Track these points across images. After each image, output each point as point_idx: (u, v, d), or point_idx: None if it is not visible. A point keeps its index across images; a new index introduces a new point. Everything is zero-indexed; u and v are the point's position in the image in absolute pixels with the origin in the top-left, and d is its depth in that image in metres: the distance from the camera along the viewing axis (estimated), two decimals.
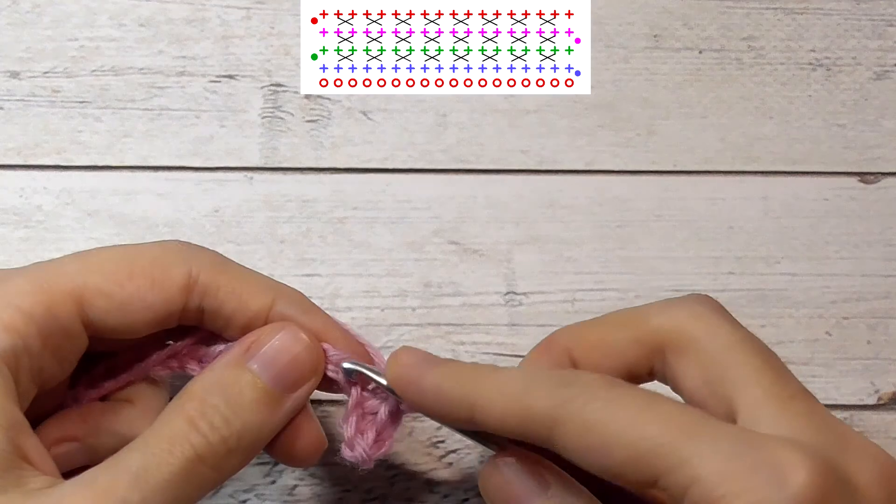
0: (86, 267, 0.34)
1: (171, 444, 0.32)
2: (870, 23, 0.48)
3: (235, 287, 0.36)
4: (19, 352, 0.32)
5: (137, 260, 0.35)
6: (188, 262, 0.35)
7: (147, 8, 0.47)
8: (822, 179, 0.47)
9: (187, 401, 0.34)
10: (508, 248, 0.45)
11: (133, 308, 0.34)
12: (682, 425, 0.30)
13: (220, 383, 0.34)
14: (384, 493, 0.43)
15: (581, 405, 0.31)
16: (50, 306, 0.33)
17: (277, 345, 0.35)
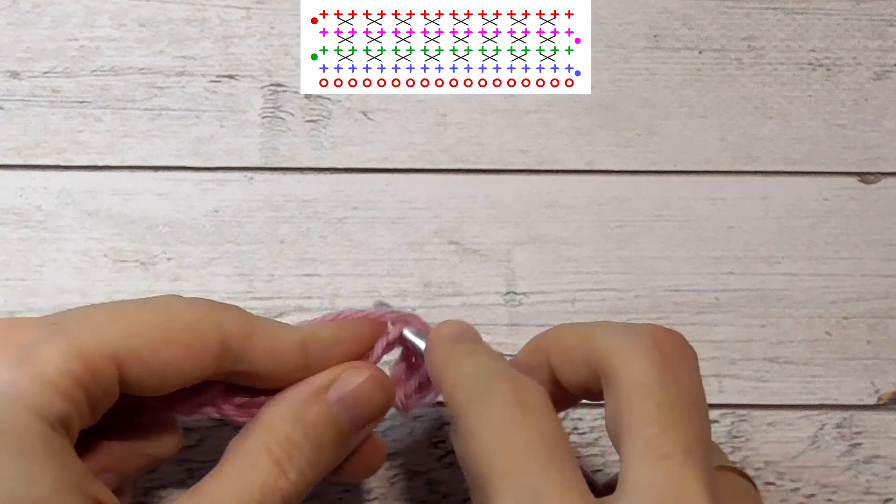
0: (125, 330, 0.34)
1: (263, 494, 0.33)
2: (870, 23, 0.48)
3: (265, 343, 0.36)
4: (72, 415, 0.32)
5: (173, 325, 0.34)
6: (220, 328, 0.35)
7: (147, 8, 0.47)
8: (822, 179, 0.47)
9: (271, 440, 0.34)
10: (508, 248, 0.45)
11: (168, 374, 0.34)
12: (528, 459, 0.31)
13: (304, 420, 0.35)
14: (384, 493, 0.43)
15: None
16: (93, 371, 0.33)
17: (357, 385, 0.36)
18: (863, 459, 0.44)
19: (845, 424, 0.44)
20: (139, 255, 0.45)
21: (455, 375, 0.34)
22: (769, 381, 0.44)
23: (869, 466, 0.44)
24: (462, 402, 0.33)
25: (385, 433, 0.43)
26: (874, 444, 0.44)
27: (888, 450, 0.44)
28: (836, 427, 0.44)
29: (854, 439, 0.44)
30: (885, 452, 0.44)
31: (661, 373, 0.32)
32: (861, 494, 0.43)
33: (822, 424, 0.44)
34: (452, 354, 0.36)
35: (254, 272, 0.45)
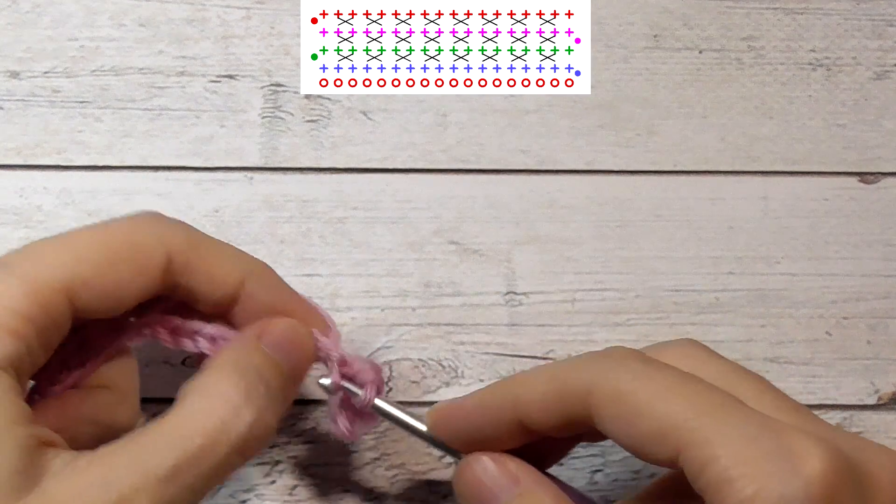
0: (71, 258, 0.34)
1: (205, 441, 0.32)
2: (870, 23, 0.48)
3: (208, 267, 0.36)
4: (22, 354, 0.32)
5: (117, 244, 0.35)
6: (165, 242, 0.35)
7: (147, 8, 0.47)
8: (822, 179, 0.47)
9: (227, 383, 0.34)
10: (508, 248, 0.45)
11: (117, 294, 0.35)
12: (709, 404, 0.30)
13: (254, 366, 0.35)
14: (384, 493, 0.43)
15: (614, 376, 0.32)
16: (45, 305, 0.33)
17: (287, 331, 0.36)
18: None
19: (845, 424, 0.44)
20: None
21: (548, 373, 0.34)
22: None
23: None
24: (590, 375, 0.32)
25: (385, 433, 0.43)
26: None
27: None
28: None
29: None
30: None
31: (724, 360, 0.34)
32: None
33: None
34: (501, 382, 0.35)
35: None
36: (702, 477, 0.29)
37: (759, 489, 0.28)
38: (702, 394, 0.31)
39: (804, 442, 0.29)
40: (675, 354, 0.34)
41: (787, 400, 0.33)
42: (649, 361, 0.32)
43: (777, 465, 0.28)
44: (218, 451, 0.32)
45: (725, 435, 0.29)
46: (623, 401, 0.31)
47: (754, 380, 0.34)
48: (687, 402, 0.30)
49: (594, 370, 0.32)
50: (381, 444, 0.43)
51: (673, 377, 0.31)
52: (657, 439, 0.30)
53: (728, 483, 0.29)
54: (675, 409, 0.30)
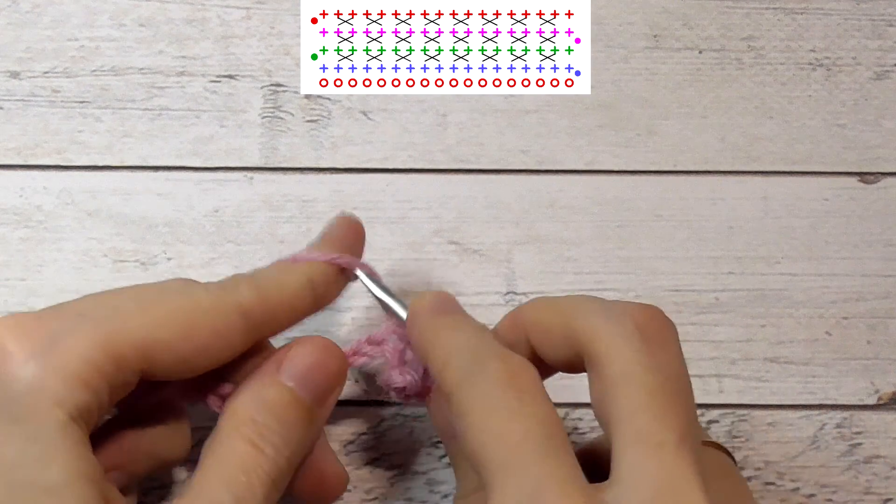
0: (151, 319, 0.34)
1: (249, 476, 0.33)
2: (870, 23, 0.48)
3: (281, 302, 0.36)
4: (93, 406, 0.32)
5: (197, 310, 0.34)
6: (238, 302, 0.35)
7: (147, 8, 0.47)
8: (822, 179, 0.47)
9: (241, 424, 0.34)
10: (508, 248, 0.45)
11: (196, 361, 0.34)
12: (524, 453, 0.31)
13: (266, 402, 0.34)
14: (384, 493, 0.43)
15: None
16: (119, 362, 0.33)
17: (307, 358, 0.36)
18: (863, 459, 0.44)
19: (845, 424, 0.44)
20: (139, 255, 0.45)
21: (443, 353, 0.34)
22: (769, 381, 0.44)
23: (869, 466, 0.44)
24: (454, 381, 0.33)
25: (385, 433, 0.43)
26: (874, 444, 0.44)
27: (888, 450, 0.44)
28: (836, 427, 0.44)
29: (854, 439, 0.44)
30: (885, 452, 0.44)
31: (647, 358, 0.32)
32: (861, 494, 0.43)
33: (822, 424, 0.44)
34: (438, 328, 0.35)
35: None
36: None
37: None
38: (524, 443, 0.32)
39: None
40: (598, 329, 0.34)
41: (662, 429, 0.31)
42: None
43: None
44: (261, 485, 0.33)
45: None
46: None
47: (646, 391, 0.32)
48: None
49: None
50: (380, 443, 0.43)
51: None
52: None
53: None
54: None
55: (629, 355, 0.32)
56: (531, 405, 0.31)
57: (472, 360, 0.33)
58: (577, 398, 0.42)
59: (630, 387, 0.31)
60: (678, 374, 0.33)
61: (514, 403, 0.31)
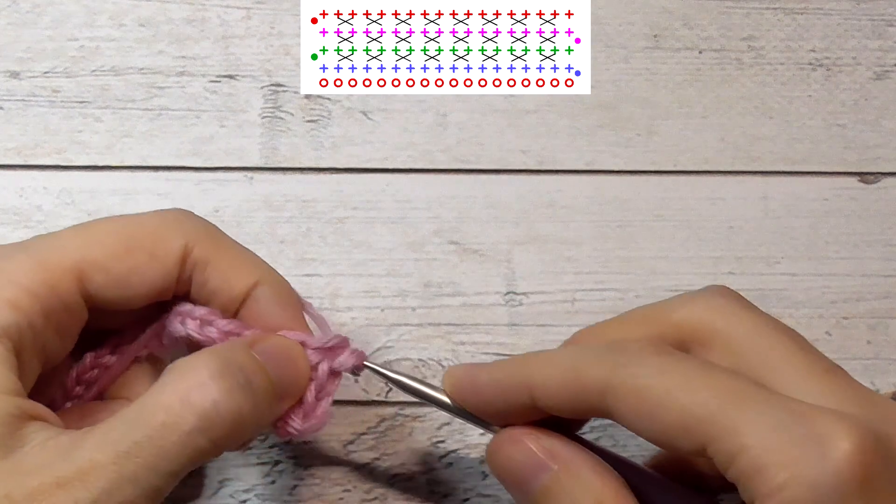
0: (85, 241, 0.34)
1: (167, 417, 0.31)
2: (870, 23, 0.48)
3: (223, 265, 0.36)
4: (23, 329, 0.32)
5: (136, 233, 0.35)
6: (185, 234, 0.35)
7: (147, 8, 0.47)
8: (822, 179, 0.47)
9: (201, 365, 0.33)
10: (508, 248, 0.45)
11: (132, 281, 0.35)
12: (733, 392, 0.30)
13: (236, 358, 0.34)
14: (384, 493, 0.43)
15: (632, 371, 0.31)
16: (52, 283, 0.33)
17: (282, 346, 0.36)
18: None
19: None
20: None
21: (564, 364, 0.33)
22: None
23: None
24: (606, 371, 0.32)
25: (385, 433, 0.43)
26: None
27: None
28: None
29: None
30: None
31: (762, 316, 0.34)
32: None
33: None
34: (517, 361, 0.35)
35: None
36: (732, 467, 0.30)
37: (791, 476, 0.28)
38: (724, 383, 0.31)
39: (832, 424, 0.29)
40: (703, 308, 0.34)
41: (820, 360, 0.33)
42: (668, 353, 0.32)
43: (806, 450, 0.29)
44: (180, 428, 0.31)
45: (753, 423, 0.29)
46: (643, 396, 0.31)
47: (786, 338, 0.33)
48: (710, 392, 0.30)
49: (610, 364, 0.32)
50: (381, 444, 0.43)
51: (693, 368, 0.31)
52: (682, 433, 0.30)
53: (759, 471, 0.29)
54: (699, 401, 0.30)
55: (749, 316, 0.34)
56: (698, 359, 0.32)
57: (607, 352, 0.33)
58: None
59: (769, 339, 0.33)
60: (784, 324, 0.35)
61: (689, 358, 0.32)
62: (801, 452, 0.29)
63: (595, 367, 0.32)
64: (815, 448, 0.29)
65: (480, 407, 0.35)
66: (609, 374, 0.32)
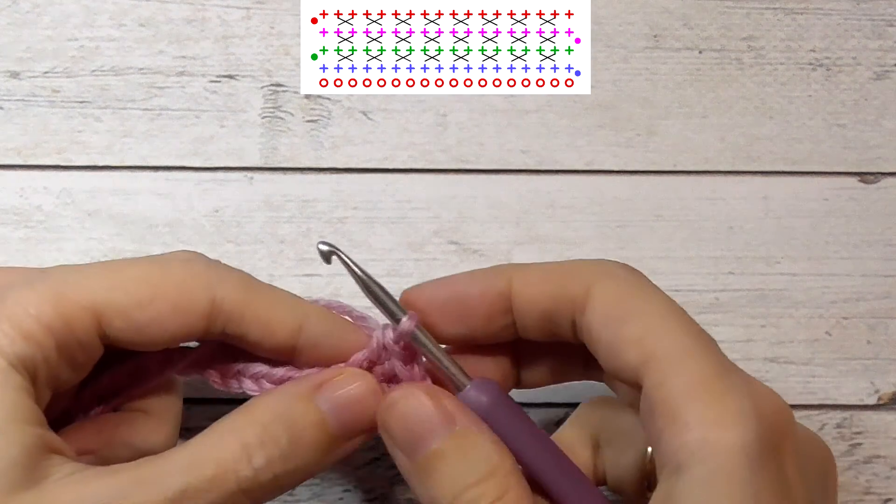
0: (108, 283, 0.33)
1: (217, 473, 0.32)
2: (870, 23, 0.48)
3: (261, 315, 0.35)
4: (37, 361, 0.32)
5: (161, 282, 0.34)
6: (213, 288, 0.34)
7: (147, 8, 0.47)
8: (822, 179, 0.47)
9: (246, 424, 0.33)
10: (508, 248, 0.45)
11: (151, 331, 0.34)
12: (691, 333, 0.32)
13: (287, 416, 0.33)
14: (384, 493, 0.43)
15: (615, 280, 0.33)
16: (69, 321, 0.33)
17: (353, 393, 0.35)
18: (863, 459, 0.44)
19: (845, 424, 0.44)
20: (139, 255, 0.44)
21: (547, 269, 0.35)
22: (769, 381, 0.44)
23: (869, 466, 0.44)
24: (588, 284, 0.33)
25: None
26: (874, 444, 0.44)
27: (888, 450, 0.44)
28: (836, 427, 0.44)
29: (854, 439, 0.44)
30: (885, 452, 0.44)
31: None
32: (861, 494, 0.43)
33: (822, 424, 0.44)
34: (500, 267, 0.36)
35: (254, 272, 0.44)
36: (655, 394, 0.31)
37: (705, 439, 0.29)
38: (688, 323, 0.32)
39: (761, 390, 0.30)
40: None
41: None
42: (645, 278, 0.34)
43: (728, 412, 0.29)
44: (226, 486, 0.32)
45: (694, 360, 0.30)
46: (619, 304, 0.32)
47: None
48: (673, 322, 0.32)
49: (596, 271, 0.34)
50: (380, 444, 0.43)
51: (667, 301, 0.33)
52: (634, 346, 0.31)
53: (674, 416, 0.30)
54: (660, 324, 0.31)
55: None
56: None
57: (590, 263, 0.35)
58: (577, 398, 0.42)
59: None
60: None
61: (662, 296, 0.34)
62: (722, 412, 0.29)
63: (580, 271, 0.34)
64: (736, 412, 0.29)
65: (449, 309, 0.36)
66: (592, 279, 0.33)
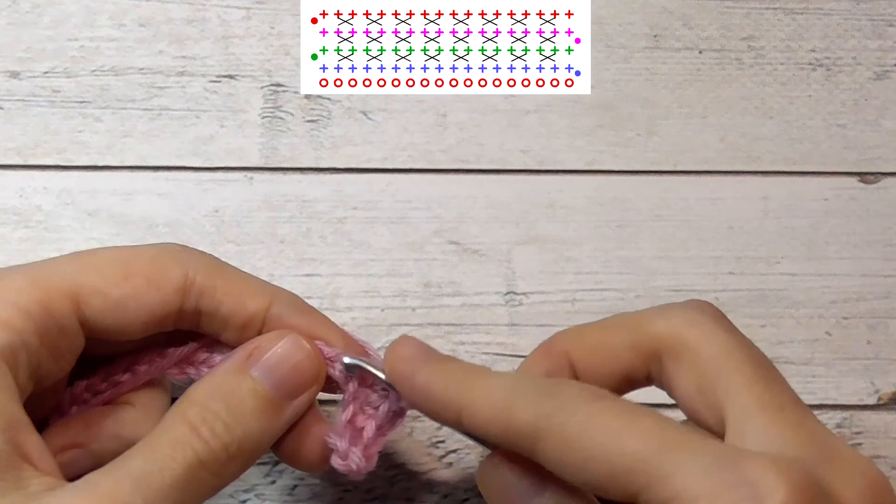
0: (83, 266, 0.34)
1: (173, 450, 0.33)
2: (870, 23, 0.48)
3: (232, 289, 0.36)
4: (17, 348, 0.32)
5: (134, 261, 0.35)
6: (185, 264, 0.35)
7: (147, 8, 0.47)
8: (822, 179, 0.47)
9: (189, 406, 0.34)
10: (508, 248, 0.45)
11: (129, 307, 0.34)
12: (664, 440, 0.29)
13: (222, 389, 0.34)
14: (384, 493, 0.43)
15: (563, 419, 0.30)
16: (47, 304, 0.33)
17: (279, 352, 0.36)
18: None
19: (845, 424, 0.44)
20: None
21: (494, 398, 0.32)
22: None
23: None
24: (537, 416, 0.31)
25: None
26: (874, 444, 0.44)
27: (888, 450, 0.44)
28: (836, 427, 0.44)
29: (854, 439, 0.44)
30: (885, 452, 0.44)
31: (736, 337, 0.33)
32: None
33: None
34: (461, 378, 0.33)
35: (254, 272, 0.44)
36: None
37: None
38: (655, 430, 0.30)
39: (766, 472, 0.28)
40: (680, 322, 0.34)
41: (779, 394, 0.32)
42: (599, 398, 0.31)
43: (739, 496, 0.28)
44: (185, 458, 0.32)
45: (685, 470, 0.29)
46: (574, 447, 0.30)
47: (751, 365, 0.33)
48: (641, 440, 0.30)
49: (540, 410, 0.31)
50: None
51: (625, 414, 0.30)
52: (615, 482, 0.30)
53: None
54: (629, 451, 0.29)
55: (722, 336, 0.33)
56: (632, 404, 0.31)
57: (540, 394, 0.31)
58: None
59: (735, 362, 0.32)
60: (760, 351, 0.34)
61: (621, 406, 0.31)
62: (734, 499, 0.28)
63: (526, 409, 0.31)
64: (748, 495, 0.28)
65: (413, 401, 0.35)
66: (539, 419, 0.31)
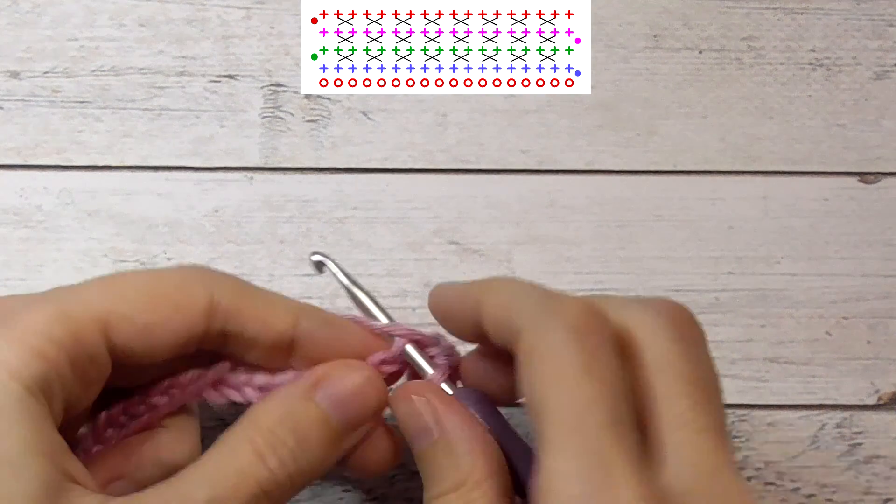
0: (110, 294, 0.34)
1: (239, 480, 0.33)
2: (870, 23, 0.48)
3: (257, 310, 0.36)
4: (52, 379, 0.32)
5: (160, 285, 0.35)
6: (210, 287, 0.35)
7: (147, 8, 0.47)
8: (822, 179, 0.47)
9: (255, 432, 0.34)
10: (508, 248, 0.45)
11: (156, 333, 0.34)
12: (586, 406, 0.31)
13: (290, 417, 0.34)
14: (384, 493, 0.43)
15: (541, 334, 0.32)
16: (77, 333, 0.33)
17: (348, 384, 0.36)
18: (863, 459, 0.44)
19: (845, 424, 0.44)
20: (139, 255, 0.45)
21: (503, 297, 0.33)
22: (769, 381, 0.44)
23: (869, 466, 0.44)
24: (525, 321, 0.32)
25: None
26: (874, 444, 0.44)
27: (888, 450, 0.44)
28: (836, 427, 0.44)
29: (854, 439, 0.44)
30: (885, 452, 0.44)
31: (685, 349, 0.33)
32: (861, 494, 0.43)
33: (822, 424, 0.44)
34: (487, 282, 0.35)
35: (254, 272, 0.45)
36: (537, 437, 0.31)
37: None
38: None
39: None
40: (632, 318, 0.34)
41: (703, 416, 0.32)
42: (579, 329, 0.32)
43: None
44: (249, 490, 0.33)
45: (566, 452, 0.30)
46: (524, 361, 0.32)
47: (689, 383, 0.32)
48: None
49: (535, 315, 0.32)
50: None
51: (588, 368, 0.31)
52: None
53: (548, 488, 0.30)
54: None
55: (667, 345, 0.32)
56: (603, 365, 0.31)
57: (541, 302, 0.32)
58: None
59: (670, 373, 0.32)
60: (711, 372, 0.33)
61: (587, 359, 0.31)
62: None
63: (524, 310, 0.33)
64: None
65: (448, 325, 0.36)
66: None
